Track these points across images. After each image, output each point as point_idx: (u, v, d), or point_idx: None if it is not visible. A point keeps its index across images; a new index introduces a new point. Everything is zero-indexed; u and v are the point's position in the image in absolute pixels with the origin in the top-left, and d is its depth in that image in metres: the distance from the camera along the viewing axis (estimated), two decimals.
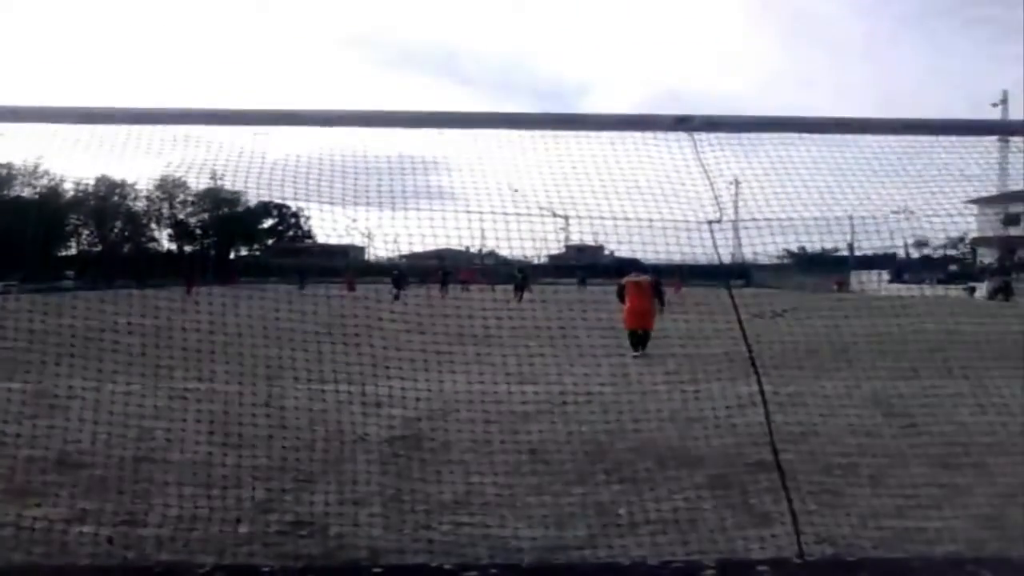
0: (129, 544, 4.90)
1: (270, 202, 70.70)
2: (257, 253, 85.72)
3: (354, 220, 5.39)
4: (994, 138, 5.53)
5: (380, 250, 6.19)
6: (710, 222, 4.39)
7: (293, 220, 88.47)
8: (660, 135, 4.91)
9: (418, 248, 5.89)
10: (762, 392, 4.25)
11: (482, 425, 7.17)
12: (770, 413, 4.88)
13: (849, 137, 5.19)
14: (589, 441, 7.48)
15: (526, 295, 23.88)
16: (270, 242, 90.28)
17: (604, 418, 7.47)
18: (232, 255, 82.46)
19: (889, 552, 4.76)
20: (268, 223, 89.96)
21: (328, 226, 5.66)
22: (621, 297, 17.11)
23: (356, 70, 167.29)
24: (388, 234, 5.62)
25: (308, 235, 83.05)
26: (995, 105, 64.04)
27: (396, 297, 26.01)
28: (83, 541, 4.93)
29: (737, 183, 5.45)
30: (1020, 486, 6.02)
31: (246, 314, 7.58)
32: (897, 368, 11.13)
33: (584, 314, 7.76)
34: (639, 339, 16.03)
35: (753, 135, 5.08)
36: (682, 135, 4.70)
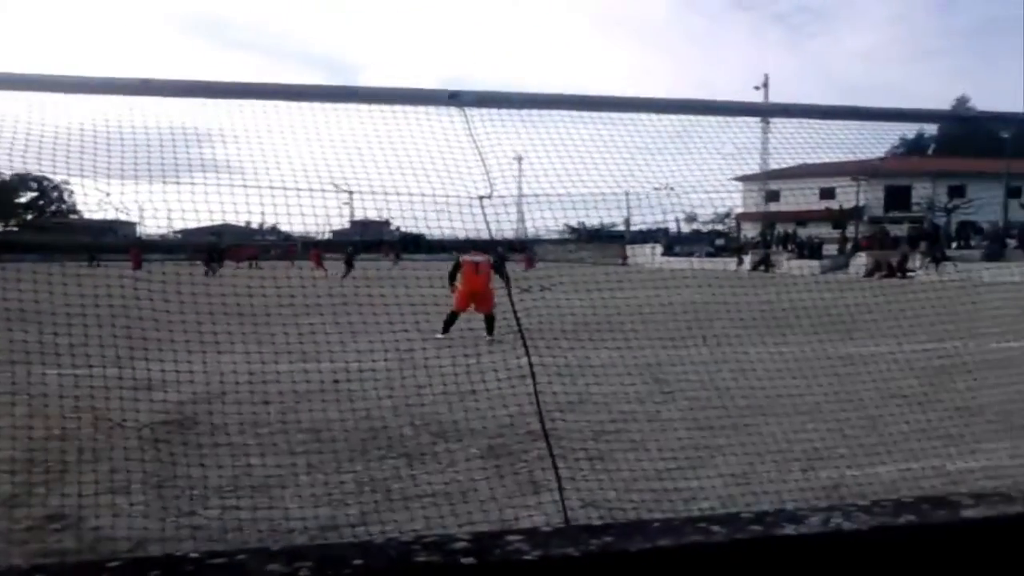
0: None
1: (27, 175, 65.29)
2: (15, 229, 79.09)
3: (107, 194, 5.00)
4: (757, 119, 5.90)
5: (151, 226, 5.76)
6: (481, 198, 4.40)
7: (56, 194, 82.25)
8: (434, 110, 4.86)
9: (193, 224, 5.58)
10: (530, 363, 4.33)
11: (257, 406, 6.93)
12: (544, 383, 5.03)
13: (623, 115, 5.35)
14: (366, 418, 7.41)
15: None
16: (29, 217, 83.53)
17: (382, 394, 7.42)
18: None
19: (649, 512, 5.02)
20: (26, 197, 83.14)
21: (92, 201, 5.24)
22: (453, 277, 15.97)
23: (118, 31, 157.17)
24: (159, 209, 5.26)
25: (72, 210, 77.52)
26: (757, 88, 68.50)
27: (210, 273, 24.99)
28: None
29: (520, 159, 5.50)
30: (770, 444, 6.49)
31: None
32: (664, 338, 11.75)
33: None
34: (451, 321, 14.98)
35: (533, 112, 5.14)
36: (455, 111, 4.67)
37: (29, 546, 4.64)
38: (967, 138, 69.69)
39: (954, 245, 50.47)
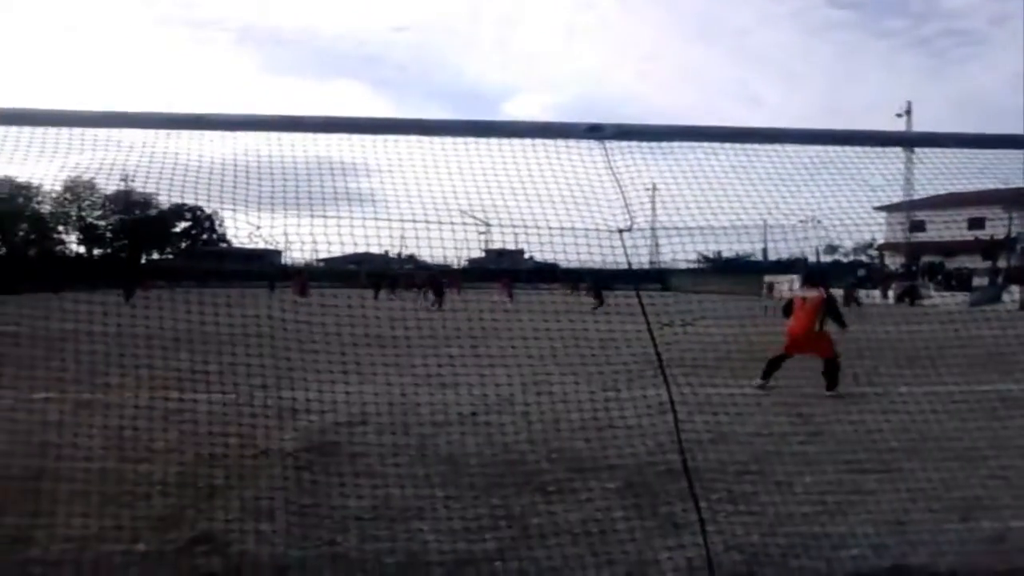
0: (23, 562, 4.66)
1: (183, 205, 69.00)
2: (170, 256, 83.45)
3: (258, 227, 5.24)
4: (899, 148, 5.70)
5: (295, 253, 6.02)
6: (620, 231, 4.38)
7: (207, 224, 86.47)
8: (573, 143, 4.90)
9: (336, 252, 5.79)
10: (671, 398, 4.27)
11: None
12: (682, 419, 4.93)
13: (760, 146, 5.25)
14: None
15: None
16: (183, 245, 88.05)
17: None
18: (144, 258, 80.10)
19: (795, 558, 4.84)
20: (181, 226, 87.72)
21: (243, 233, 5.51)
22: (787, 313, 13.13)
23: (262, 74, 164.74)
24: (304, 238, 5.47)
25: (223, 239, 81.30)
26: (899, 116, 65.59)
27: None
28: None
29: (655, 188, 5.47)
30: (926, 490, 6.17)
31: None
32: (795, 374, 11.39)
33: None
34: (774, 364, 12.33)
35: (666, 144, 5.11)
36: (594, 143, 4.69)
37: (177, 567, 4.82)
38: None
39: None
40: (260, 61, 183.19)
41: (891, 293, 49.97)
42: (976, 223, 55.45)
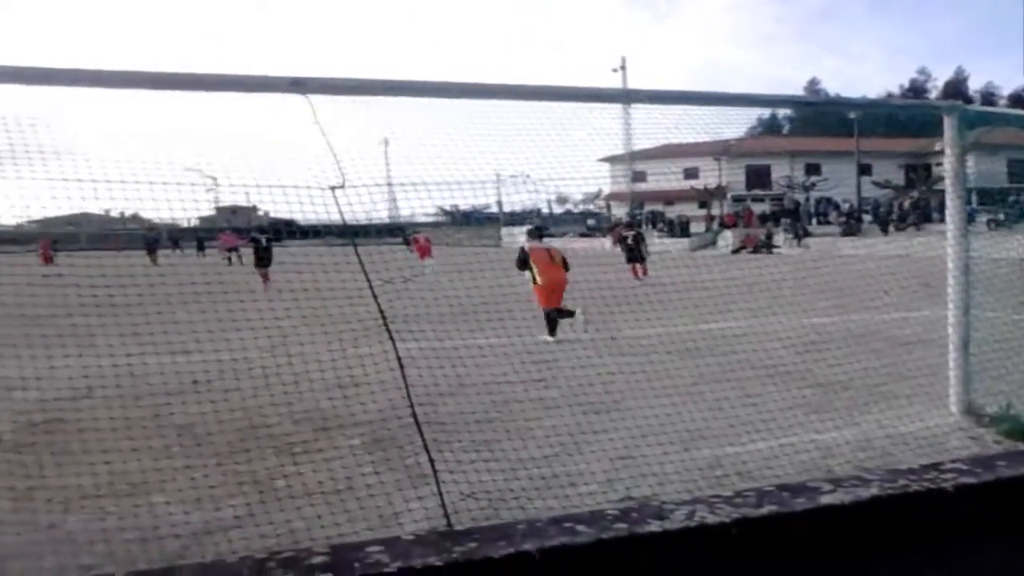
0: None
1: None
2: None
3: None
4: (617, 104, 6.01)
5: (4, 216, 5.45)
6: (332, 188, 4.29)
7: None
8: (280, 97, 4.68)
9: (49, 213, 5.31)
10: (396, 351, 4.33)
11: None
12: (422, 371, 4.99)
13: (479, 102, 5.32)
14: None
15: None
16: None
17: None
18: None
19: (529, 500, 5.10)
20: None
21: None
22: (523, 267, 13.82)
23: None
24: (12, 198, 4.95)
25: None
26: (615, 71, 67.71)
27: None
28: None
29: (387, 142, 5.42)
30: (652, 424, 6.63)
31: None
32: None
33: None
34: (554, 320, 13.24)
35: (395, 99, 5.07)
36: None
37: None
38: (818, 118, 72.73)
39: (814, 221, 52.76)
40: None
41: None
42: (691, 174, 60.00)
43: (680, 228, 53.90)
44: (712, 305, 9.94)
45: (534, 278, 13.58)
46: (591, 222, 66.22)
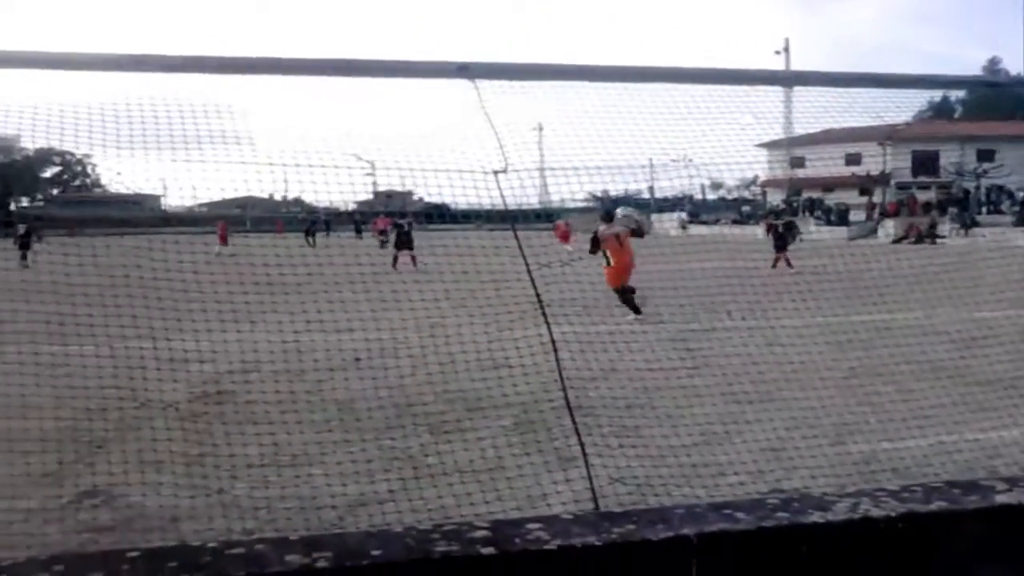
0: None
1: (51, 149, 65.66)
2: (41, 204, 79.36)
3: (119, 173, 5.04)
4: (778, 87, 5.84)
5: (176, 199, 5.79)
6: (496, 172, 4.35)
7: (79, 168, 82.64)
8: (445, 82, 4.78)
9: (218, 196, 5.63)
10: (551, 336, 4.37)
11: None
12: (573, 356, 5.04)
13: (638, 86, 5.27)
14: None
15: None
16: (55, 192, 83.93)
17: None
18: (13, 206, 75.95)
19: (677, 487, 5.06)
20: (50, 172, 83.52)
21: (105, 178, 5.28)
22: (594, 250, 14.97)
23: None
24: (184, 183, 5.28)
25: (97, 184, 77.93)
26: (778, 53, 65.92)
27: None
28: None
29: (541, 129, 5.48)
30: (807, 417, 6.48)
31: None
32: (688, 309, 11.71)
33: None
34: (631, 298, 14.19)
35: (549, 84, 5.09)
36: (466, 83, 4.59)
37: (67, 522, 4.73)
38: (995, 100, 68.28)
39: (984, 210, 49.80)
40: None
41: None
42: (853, 159, 57.61)
43: (839, 216, 51.94)
44: (868, 296, 9.57)
45: (607, 260, 14.66)
46: (746, 209, 64.54)
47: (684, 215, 54.37)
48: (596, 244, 14.84)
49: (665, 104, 5.24)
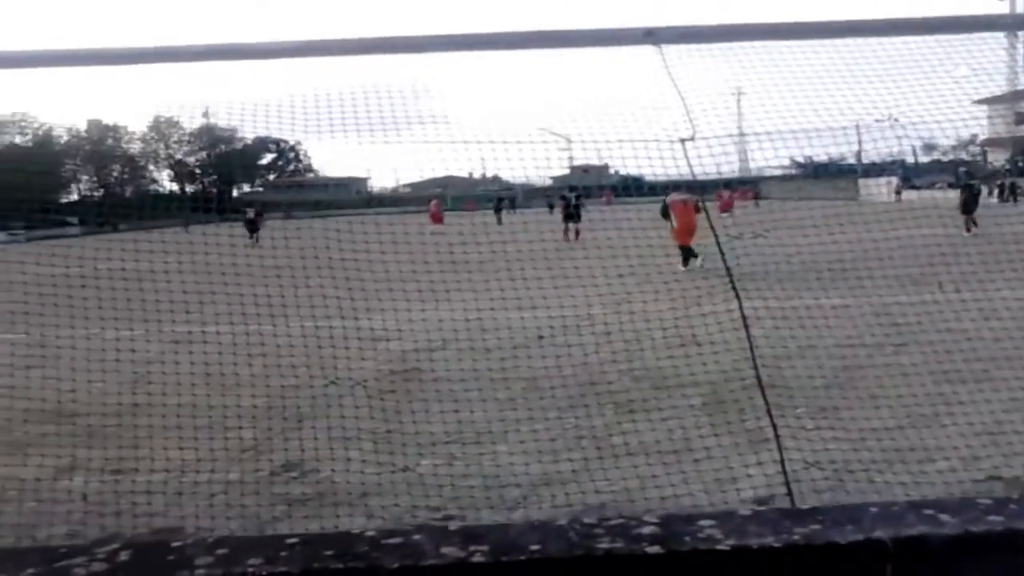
0: (119, 492, 4.85)
1: (267, 137, 70.07)
2: (260, 189, 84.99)
3: (331, 158, 5.20)
4: (1002, 34, 5.27)
5: (381, 180, 5.96)
6: (683, 140, 4.17)
7: (292, 155, 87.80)
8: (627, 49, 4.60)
9: (418, 178, 5.76)
10: (742, 311, 4.17)
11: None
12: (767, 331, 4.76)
13: (840, 41, 4.90)
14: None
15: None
16: (271, 177, 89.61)
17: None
18: (235, 192, 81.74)
19: (879, 473, 4.73)
20: (267, 158, 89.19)
21: (327, 159, 5.48)
22: (665, 216, 18.18)
23: None
24: (388, 164, 5.41)
25: (309, 168, 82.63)
26: None
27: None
28: (72, 490, 4.91)
29: (739, 93, 5.22)
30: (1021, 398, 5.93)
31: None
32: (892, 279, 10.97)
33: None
34: (687, 254, 17.24)
35: (740, 44, 4.81)
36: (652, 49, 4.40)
37: (265, 494, 4.97)
38: None
39: None
40: None
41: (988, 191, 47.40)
42: None
43: None
44: None
45: (672, 223, 17.89)
46: (963, 171, 60.07)
47: (896, 180, 51.39)
48: (666, 211, 18.18)
49: (868, 60, 4.87)
